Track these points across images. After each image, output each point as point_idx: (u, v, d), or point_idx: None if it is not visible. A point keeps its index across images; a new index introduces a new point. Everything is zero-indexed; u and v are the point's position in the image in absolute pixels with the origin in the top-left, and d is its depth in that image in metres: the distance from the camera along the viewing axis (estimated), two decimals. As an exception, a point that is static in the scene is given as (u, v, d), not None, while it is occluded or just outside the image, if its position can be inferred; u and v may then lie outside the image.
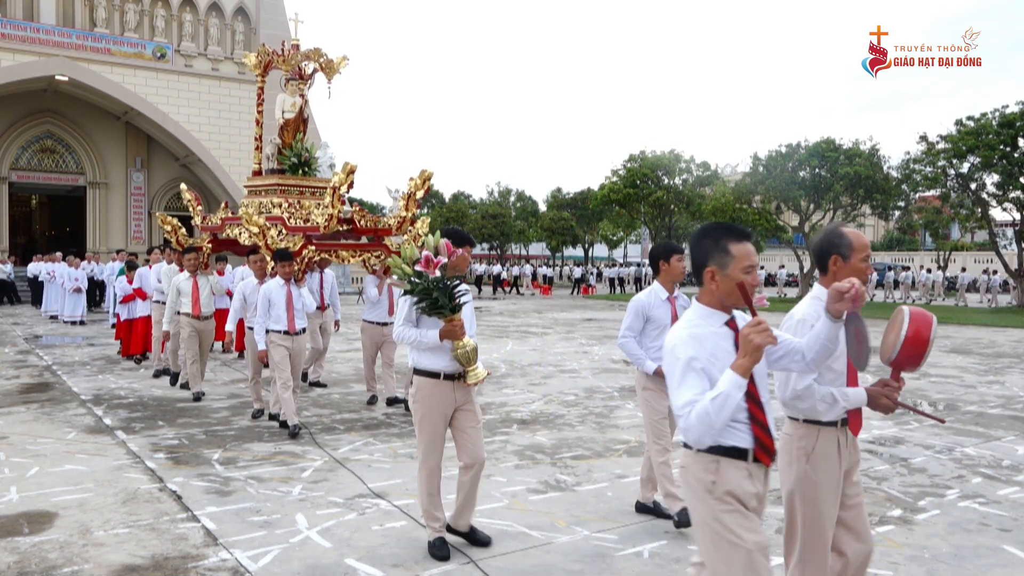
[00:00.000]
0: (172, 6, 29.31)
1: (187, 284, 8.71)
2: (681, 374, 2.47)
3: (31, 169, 29.94)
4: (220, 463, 6.00)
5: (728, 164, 53.76)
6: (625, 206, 38.42)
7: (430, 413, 4.20)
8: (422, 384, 4.21)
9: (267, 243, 8.01)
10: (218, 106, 30.15)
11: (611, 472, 5.90)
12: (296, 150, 9.30)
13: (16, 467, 5.80)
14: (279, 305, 7.07)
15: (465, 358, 4.12)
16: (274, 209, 8.84)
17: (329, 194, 8.14)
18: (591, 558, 4.22)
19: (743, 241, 2.57)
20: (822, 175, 31.89)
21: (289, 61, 9.43)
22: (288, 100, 9.48)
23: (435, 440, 4.23)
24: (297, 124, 9.42)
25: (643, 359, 4.73)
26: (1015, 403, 9.09)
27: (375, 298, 8.20)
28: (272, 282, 7.16)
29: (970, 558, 4.27)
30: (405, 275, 4.12)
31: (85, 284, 18.00)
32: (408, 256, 4.13)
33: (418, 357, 4.22)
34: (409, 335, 4.15)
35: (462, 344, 4.10)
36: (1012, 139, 25.93)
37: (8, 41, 26.05)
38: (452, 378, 4.20)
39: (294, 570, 4.01)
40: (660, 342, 4.59)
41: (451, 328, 4.07)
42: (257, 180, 9.50)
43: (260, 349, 7.13)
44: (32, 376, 10.18)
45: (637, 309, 4.75)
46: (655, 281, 4.84)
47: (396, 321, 4.24)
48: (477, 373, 4.18)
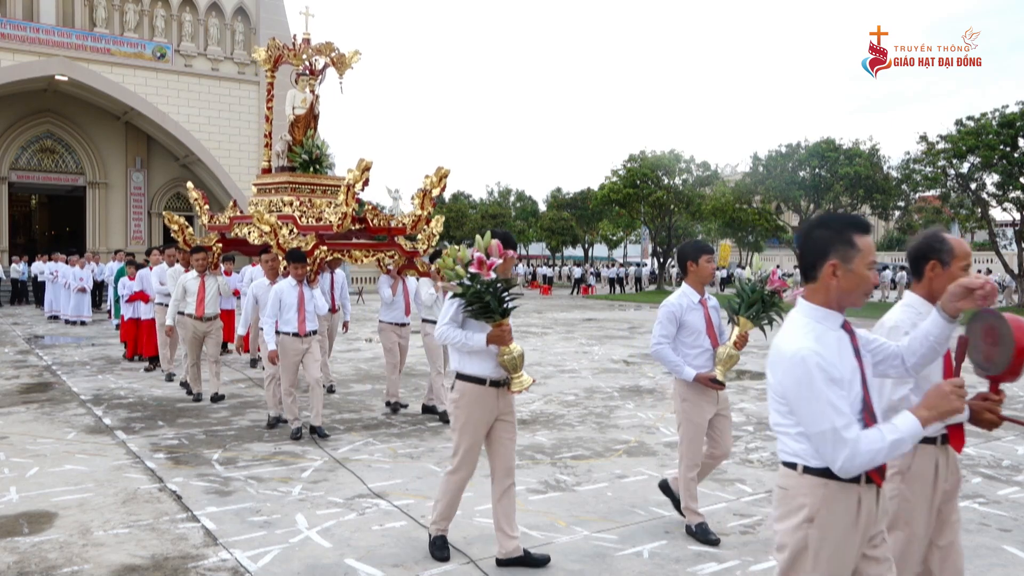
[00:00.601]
0: (172, 6, 29.30)
1: (194, 284, 8.58)
2: (823, 388, 2.16)
3: (31, 169, 29.92)
4: (220, 463, 6.00)
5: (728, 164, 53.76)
6: (625, 206, 38.38)
7: (472, 420, 4.04)
8: (467, 390, 4.04)
9: (279, 242, 7.78)
10: (218, 106, 30.14)
11: (611, 472, 5.89)
12: (307, 147, 9.11)
13: (16, 467, 5.80)
14: (290, 306, 6.92)
15: (512, 364, 3.98)
16: (285, 208, 8.63)
17: (343, 192, 7.88)
18: (591, 558, 4.22)
19: (867, 234, 2.35)
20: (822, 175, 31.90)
21: (300, 56, 9.27)
22: (299, 96, 9.29)
23: (473, 448, 4.08)
24: (308, 120, 9.24)
25: (681, 367, 4.46)
26: (1015, 403, 9.09)
27: (389, 299, 8.03)
28: (284, 282, 7.01)
29: (970, 558, 4.27)
30: (458, 277, 3.95)
31: (90, 284, 17.87)
32: (461, 257, 3.96)
33: (463, 361, 4.07)
34: (454, 336, 4.01)
35: (509, 350, 3.96)
36: (1012, 139, 25.91)
37: (8, 41, 26.04)
38: (497, 385, 4.05)
39: (294, 570, 4.01)
40: (696, 348, 4.48)
41: (500, 333, 3.93)
42: (267, 178, 9.29)
43: (270, 349, 6.99)
44: (32, 376, 10.18)
45: (669, 314, 4.51)
46: (684, 283, 4.64)
47: (440, 320, 4.10)
48: (522, 380, 4.03)
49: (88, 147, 30.53)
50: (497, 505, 4.10)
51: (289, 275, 7.09)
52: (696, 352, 4.49)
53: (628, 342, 15.27)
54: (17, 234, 32.58)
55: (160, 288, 10.10)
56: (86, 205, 30.98)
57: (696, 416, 4.48)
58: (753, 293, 4.46)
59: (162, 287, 10.02)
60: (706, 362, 4.48)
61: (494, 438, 4.11)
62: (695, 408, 4.49)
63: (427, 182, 8.03)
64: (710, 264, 4.54)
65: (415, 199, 8.26)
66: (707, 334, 4.51)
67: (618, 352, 13.52)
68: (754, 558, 4.24)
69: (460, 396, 4.06)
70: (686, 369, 4.45)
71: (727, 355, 4.47)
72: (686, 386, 4.50)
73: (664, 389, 9.74)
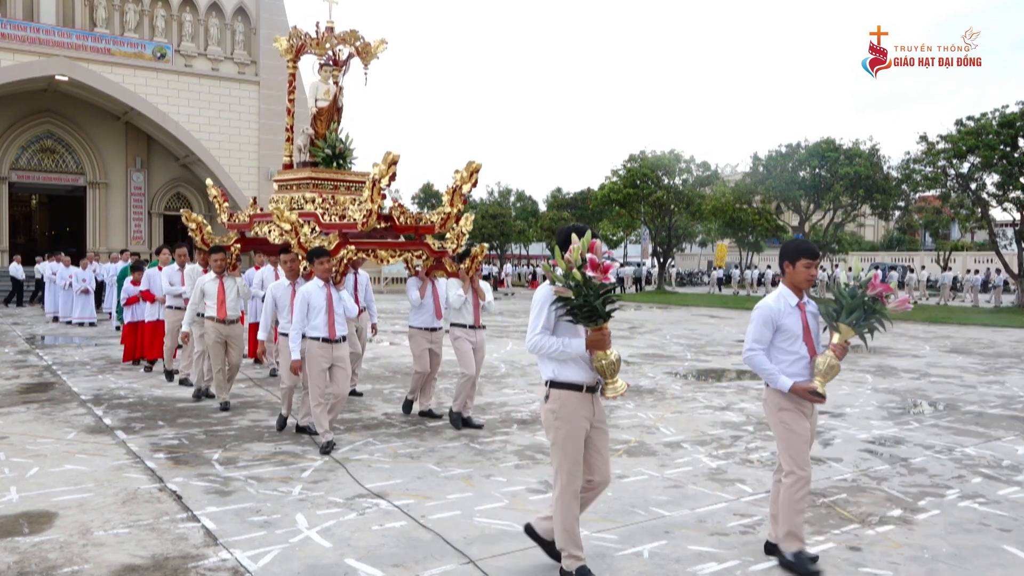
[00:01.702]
0: (172, 6, 29.32)
1: (213, 286, 8.15)
2: None
3: (31, 169, 29.95)
4: (220, 463, 6.00)
5: (728, 164, 53.78)
6: (625, 206, 38.41)
7: (575, 430, 3.80)
8: (566, 399, 3.81)
9: (300, 241, 7.29)
10: (218, 106, 30.16)
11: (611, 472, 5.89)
12: (330, 141, 8.63)
13: (16, 467, 5.80)
14: (319, 309, 6.40)
15: (610, 369, 3.79)
16: (306, 205, 8.12)
17: (368, 187, 7.38)
18: (591, 558, 4.21)
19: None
20: (822, 175, 31.91)
21: (323, 45, 8.72)
22: (321, 87, 8.80)
23: (579, 461, 3.83)
24: (331, 113, 8.77)
25: (777, 375, 4.13)
26: (1015, 403, 9.09)
27: (418, 301, 7.63)
28: (311, 284, 6.51)
29: (970, 558, 4.27)
30: (571, 280, 3.64)
31: (93, 285, 17.66)
32: (573, 260, 3.65)
33: (558, 369, 3.84)
34: (550, 345, 3.77)
35: (606, 354, 3.76)
36: (1012, 139, 25.93)
37: (8, 41, 26.06)
38: (592, 391, 3.86)
39: (294, 570, 4.01)
40: (791, 355, 4.16)
41: (600, 337, 3.73)
42: (288, 174, 8.74)
43: (294, 358, 6.41)
44: (32, 376, 10.18)
45: (766, 317, 4.18)
46: (781, 284, 4.31)
47: (531, 330, 3.84)
48: (617, 387, 3.82)
49: (88, 147, 30.55)
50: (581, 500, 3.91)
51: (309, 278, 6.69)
52: (791, 359, 4.16)
53: (628, 342, 15.26)
54: (17, 234, 32.58)
55: (170, 288, 9.64)
56: (86, 205, 31.02)
57: (798, 425, 4.12)
58: (853, 299, 4.11)
59: (172, 287, 9.62)
60: (801, 371, 4.14)
61: (590, 447, 3.88)
62: (795, 416, 4.13)
63: (457, 177, 7.53)
64: (808, 271, 4.20)
65: (444, 196, 7.77)
66: (804, 340, 4.18)
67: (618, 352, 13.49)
68: (754, 558, 4.24)
69: (559, 406, 3.81)
70: (782, 378, 4.11)
71: (828, 365, 4.11)
72: (783, 396, 4.15)
73: (664, 389, 9.74)
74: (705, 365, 12.25)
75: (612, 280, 3.66)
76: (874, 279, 4.13)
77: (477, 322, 7.47)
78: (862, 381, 10.51)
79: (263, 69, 30.98)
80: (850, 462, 6.29)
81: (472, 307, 7.46)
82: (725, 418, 8.02)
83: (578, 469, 3.81)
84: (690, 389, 9.84)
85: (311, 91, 8.88)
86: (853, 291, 4.14)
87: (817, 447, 6.76)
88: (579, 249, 3.66)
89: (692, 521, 4.83)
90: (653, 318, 21.99)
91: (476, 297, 7.49)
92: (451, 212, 7.78)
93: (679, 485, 5.59)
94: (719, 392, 9.65)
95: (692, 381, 10.56)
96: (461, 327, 7.48)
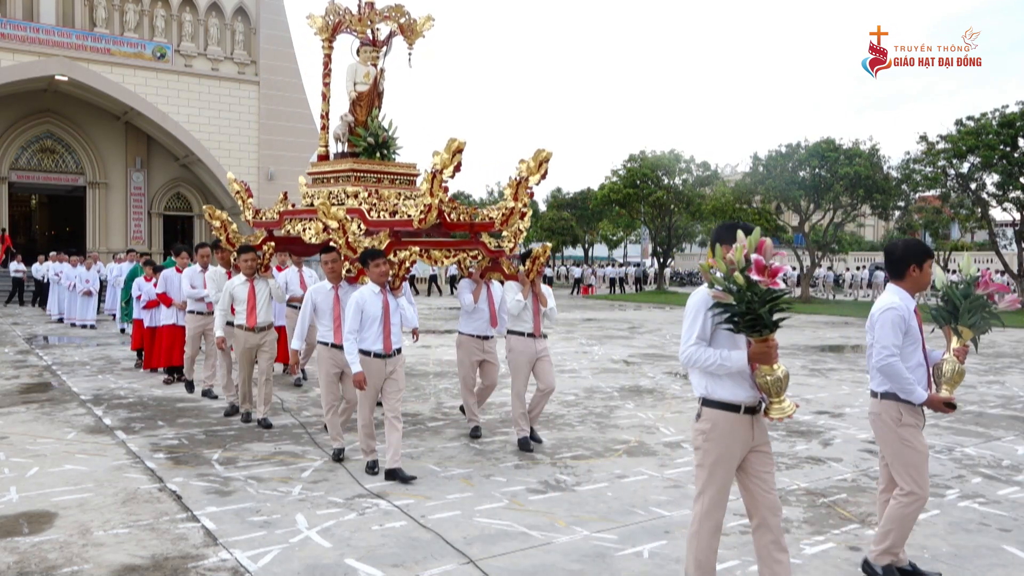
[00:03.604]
0: (172, 6, 29.32)
1: (243, 290, 7.31)
2: None
3: (31, 169, 29.95)
4: (220, 463, 6.00)
5: (728, 164, 53.75)
6: (625, 206, 38.38)
7: (727, 455, 3.41)
8: (719, 420, 3.40)
9: (348, 241, 6.52)
10: (218, 106, 30.16)
11: (611, 472, 5.89)
12: (372, 129, 7.81)
13: (16, 467, 5.80)
14: (375, 319, 5.66)
15: (776, 386, 3.30)
16: (348, 200, 7.26)
17: (427, 180, 6.47)
18: (591, 558, 4.21)
19: None
20: (822, 175, 31.88)
21: (364, 22, 7.90)
22: (361, 70, 7.97)
23: (726, 488, 3.48)
24: (372, 98, 7.96)
25: (913, 386, 3.80)
26: (1015, 403, 9.09)
27: (471, 306, 6.93)
28: (366, 289, 5.75)
29: (970, 558, 4.27)
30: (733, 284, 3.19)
31: (96, 287, 17.39)
32: (735, 262, 3.20)
33: (712, 385, 3.42)
34: (707, 358, 3.34)
35: (771, 369, 3.29)
36: (1012, 139, 25.92)
37: (8, 41, 26.06)
38: (752, 411, 3.42)
39: (294, 570, 4.01)
40: (911, 362, 3.88)
41: (767, 349, 3.24)
42: (324, 166, 7.91)
43: (356, 371, 5.57)
44: (32, 376, 10.17)
45: (900, 319, 3.84)
46: (896, 286, 3.98)
47: (685, 340, 3.40)
48: (784, 407, 3.34)
49: (88, 147, 30.55)
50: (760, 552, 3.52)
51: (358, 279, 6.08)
52: (911, 367, 3.87)
53: (628, 342, 15.27)
54: (17, 234, 32.58)
55: (191, 292, 8.81)
56: (86, 205, 31.02)
57: (920, 444, 3.85)
58: (969, 299, 3.87)
59: (193, 291, 8.80)
60: (920, 379, 3.88)
61: (749, 471, 3.47)
62: (916, 433, 3.86)
63: (523, 168, 6.62)
64: (932, 270, 3.97)
65: (507, 189, 6.91)
66: (922, 347, 3.93)
67: (618, 352, 13.52)
68: (754, 558, 4.24)
69: (712, 427, 3.41)
70: (918, 390, 3.81)
71: (956, 371, 3.86)
72: (900, 408, 3.84)
73: (664, 389, 9.74)
74: (705, 365, 12.24)
75: (781, 285, 3.19)
76: (984, 277, 3.93)
77: (537, 331, 6.70)
78: (862, 381, 10.51)
79: (263, 69, 31.00)
80: (850, 462, 6.29)
81: (532, 313, 6.69)
82: (725, 418, 8.01)
83: (723, 498, 3.46)
84: (690, 389, 9.83)
85: (349, 74, 8.05)
86: (966, 291, 3.91)
87: (817, 447, 6.76)
88: (743, 248, 3.19)
89: (692, 521, 4.83)
90: (653, 318, 21.99)
91: (537, 303, 6.75)
92: (515, 207, 6.93)
93: (679, 485, 5.59)
94: (719, 392, 9.62)
95: (692, 381, 10.55)
96: (518, 335, 6.72)
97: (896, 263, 3.97)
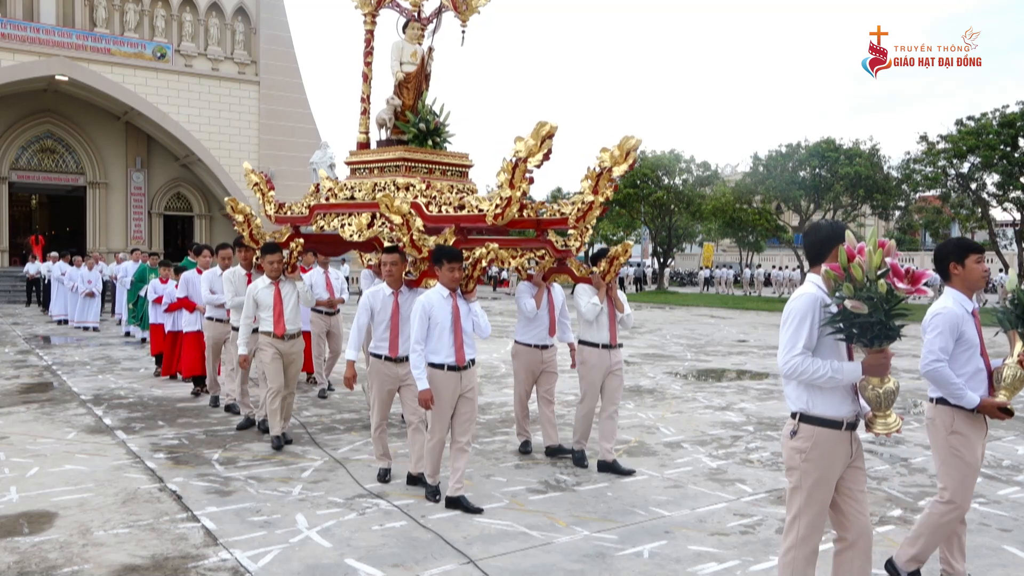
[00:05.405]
0: (172, 6, 29.32)
1: (267, 294, 6.51)
2: None
3: (31, 169, 29.93)
4: (220, 463, 6.00)
5: (728, 164, 53.69)
6: (625, 206, 38.41)
7: (827, 476, 3.16)
8: (821, 438, 3.14)
9: (412, 239, 5.66)
10: (218, 106, 30.16)
11: (611, 472, 5.89)
12: (422, 114, 7.00)
13: (16, 467, 5.80)
14: (442, 328, 5.00)
15: (887, 400, 3.09)
16: (399, 192, 6.32)
17: (506, 169, 5.46)
18: (591, 558, 4.22)
19: None
20: (822, 175, 31.92)
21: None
22: (408, 49, 7.17)
23: (824, 511, 3.22)
24: (420, 80, 7.19)
25: (963, 391, 3.64)
26: (1014, 403, 9.08)
27: (532, 312, 6.23)
28: (433, 293, 5.10)
29: (970, 558, 4.27)
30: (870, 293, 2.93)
31: (99, 287, 17.09)
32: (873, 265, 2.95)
33: (812, 399, 3.16)
34: (818, 369, 3.06)
35: (882, 381, 3.08)
36: (1012, 139, 25.96)
37: (8, 41, 26.06)
38: (853, 427, 3.19)
39: (294, 570, 4.01)
40: (969, 368, 3.73)
41: (883, 360, 3.03)
42: (367, 154, 6.99)
43: (422, 388, 4.90)
44: (32, 376, 10.18)
45: (951, 323, 3.67)
46: (949, 289, 3.81)
47: (788, 350, 3.13)
48: (890, 422, 3.13)
49: (88, 147, 30.54)
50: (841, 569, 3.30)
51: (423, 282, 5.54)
52: (969, 373, 3.72)
53: (628, 342, 15.26)
54: (17, 234, 32.59)
55: (211, 297, 7.99)
56: (86, 205, 31.00)
57: (970, 454, 3.68)
58: None
59: (213, 296, 7.98)
60: (978, 386, 3.72)
61: (842, 491, 3.22)
62: (968, 443, 3.68)
63: (606, 157, 5.71)
64: (979, 265, 3.76)
65: (585, 181, 5.98)
66: (981, 353, 3.75)
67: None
68: (754, 558, 4.24)
69: (812, 446, 3.14)
70: (969, 394, 3.65)
71: (1016, 377, 3.72)
72: (954, 414, 3.70)
73: (664, 389, 9.74)
74: (705, 365, 12.25)
75: (928, 292, 3.04)
76: None
77: (614, 340, 5.98)
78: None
79: (263, 69, 30.99)
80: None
81: (608, 320, 5.98)
82: (725, 418, 8.02)
83: (821, 523, 3.23)
84: (690, 389, 9.84)
85: (394, 52, 7.23)
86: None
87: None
88: (878, 253, 2.96)
89: (692, 521, 4.84)
90: (653, 318, 21.99)
91: (612, 308, 6.04)
92: (594, 201, 6.00)
93: (679, 485, 5.59)
94: (719, 392, 9.65)
95: (692, 381, 10.56)
96: (592, 346, 5.97)
97: (939, 262, 3.86)
